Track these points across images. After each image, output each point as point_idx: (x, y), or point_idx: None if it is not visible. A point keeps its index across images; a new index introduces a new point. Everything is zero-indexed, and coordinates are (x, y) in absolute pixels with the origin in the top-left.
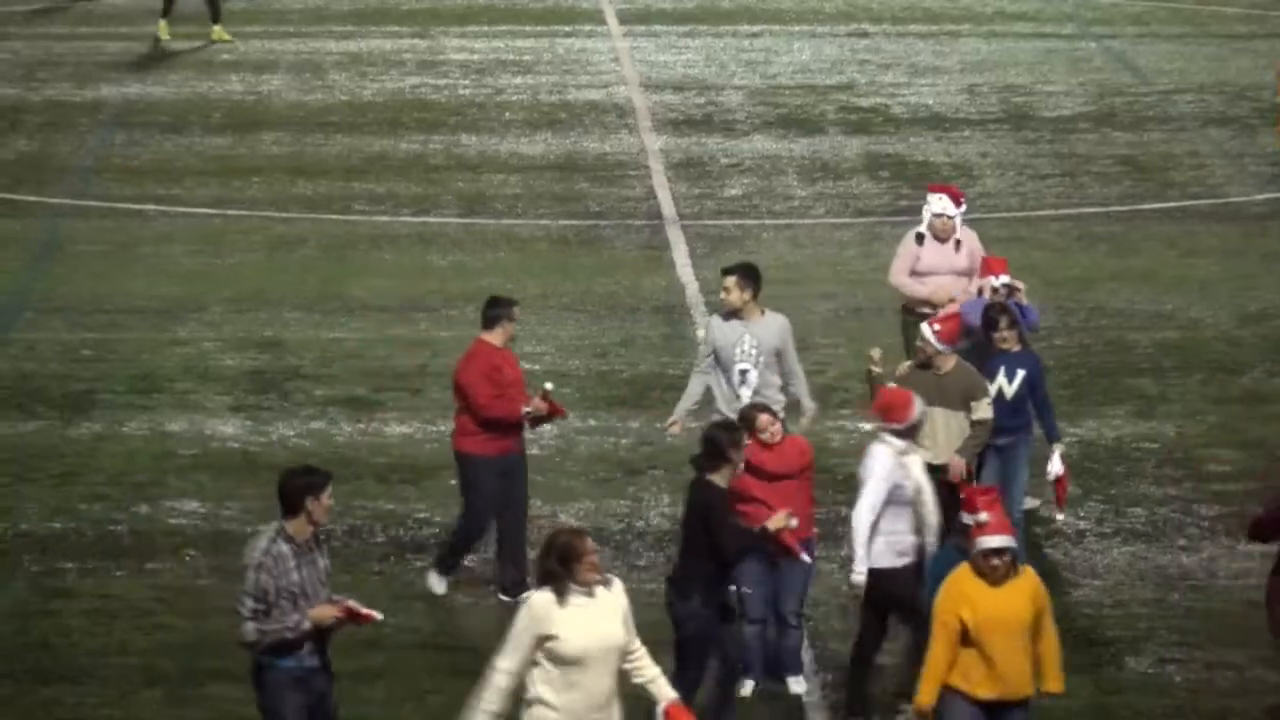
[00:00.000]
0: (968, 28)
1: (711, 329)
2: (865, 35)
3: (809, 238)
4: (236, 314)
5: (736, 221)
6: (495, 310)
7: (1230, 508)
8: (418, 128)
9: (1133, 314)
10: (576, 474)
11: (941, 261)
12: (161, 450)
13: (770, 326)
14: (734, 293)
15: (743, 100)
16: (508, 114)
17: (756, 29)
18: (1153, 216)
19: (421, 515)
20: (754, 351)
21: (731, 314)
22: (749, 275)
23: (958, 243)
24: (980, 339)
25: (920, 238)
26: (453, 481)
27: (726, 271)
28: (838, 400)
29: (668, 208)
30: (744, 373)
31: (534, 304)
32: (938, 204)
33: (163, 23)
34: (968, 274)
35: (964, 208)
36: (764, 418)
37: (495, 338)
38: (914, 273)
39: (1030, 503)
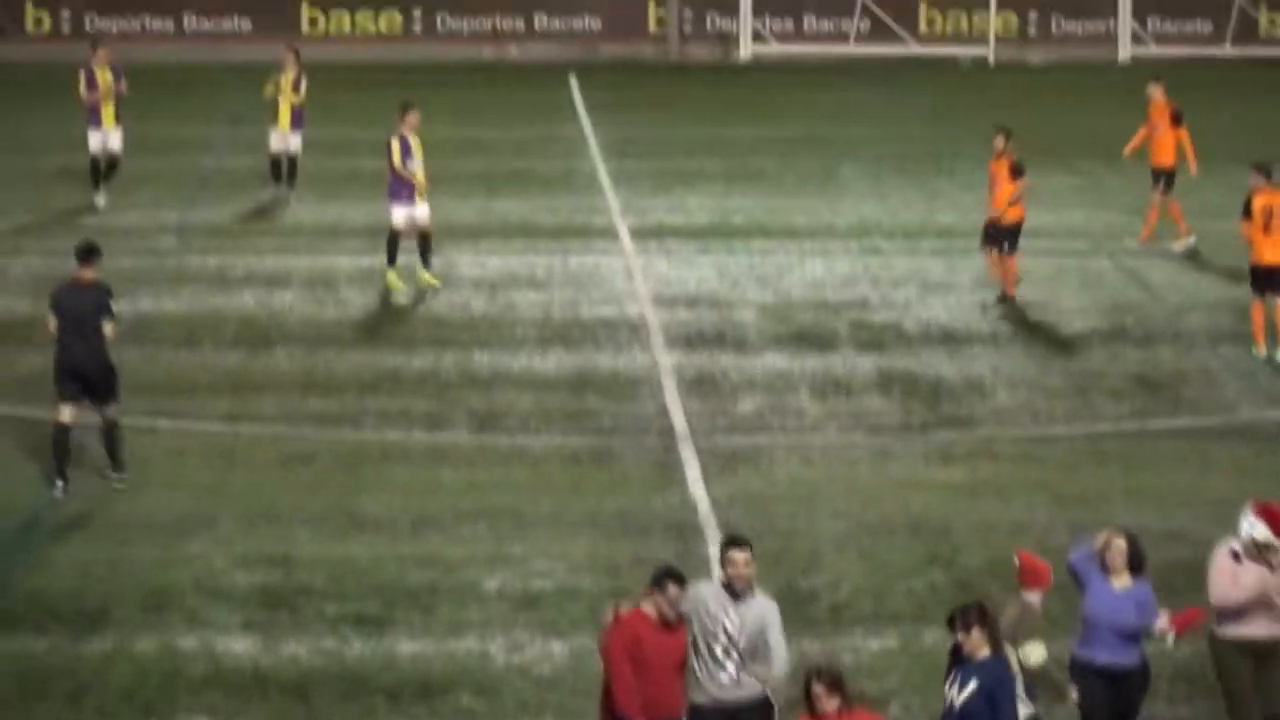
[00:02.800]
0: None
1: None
2: (878, 252)
3: (821, 455)
4: (248, 529)
5: (749, 438)
6: (656, 575)
7: None
8: (430, 343)
9: (1144, 532)
10: (588, 693)
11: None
12: (172, 667)
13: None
14: (747, 568)
15: (755, 316)
16: (520, 330)
17: (769, 245)
18: (1164, 434)
19: None
20: (736, 634)
21: (728, 586)
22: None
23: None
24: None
25: (1236, 555)
26: (464, 700)
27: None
28: (849, 619)
29: (680, 424)
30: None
31: (545, 521)
32: (1260, 532)
33: (391, 273)
34: None
35: None
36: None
37: (648, 607)
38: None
39: None
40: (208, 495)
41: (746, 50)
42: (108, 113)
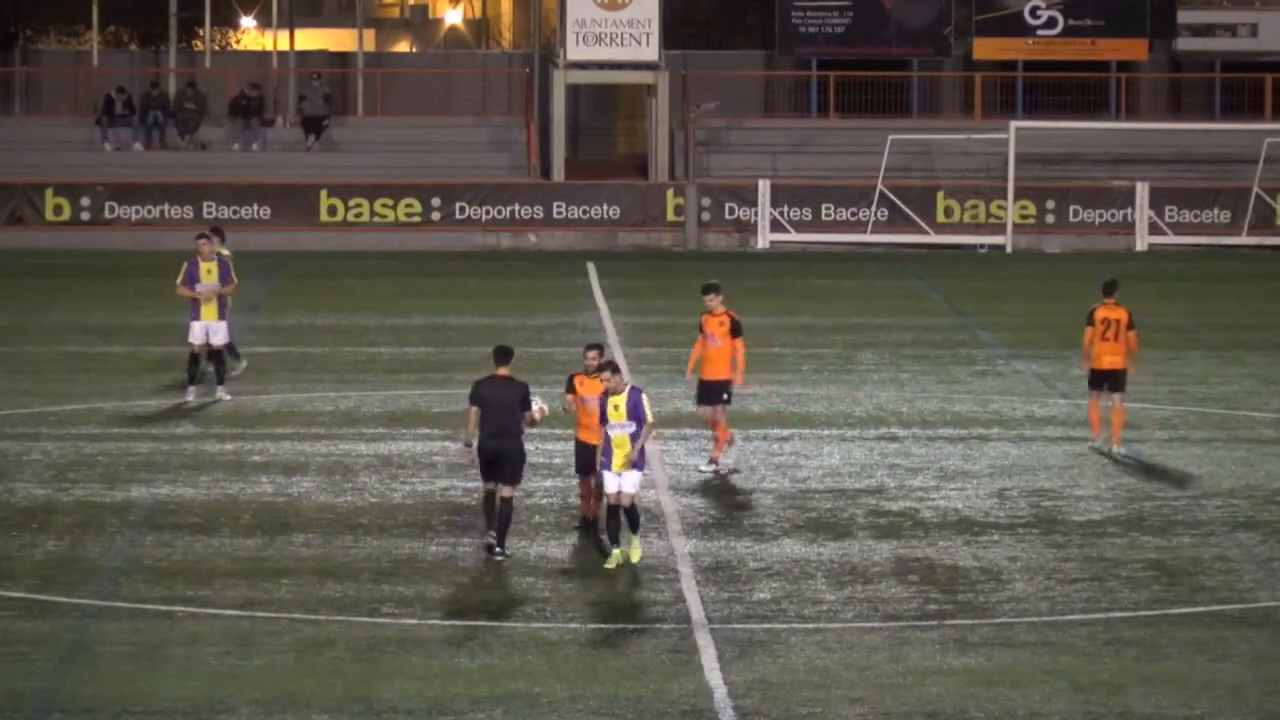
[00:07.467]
0: (997, 432)
1: None
2: (895, 439)
3: (838, 642)
4: (264, 716)
5: (765, 625)
6: None
7: None
8: (448, 530)
9: (1162, 719)
10: None
11: None
12: None
13: None
14: None
15: (772, 504)
16: (537, 516)
17: (786, 433)
18: (1181, 621)
19: None
20: None
21: None
22: None
23: None
24: None
25: None
26: None
27: None
28: None
29: (696, 611)
30: None
31: (561, 708)
32: None
33: (617, 552)
34: None
35: None
36: None
37: None
38: None
39: None
40: (223, 681)
41: (765, 238)
42: (208, 306)
